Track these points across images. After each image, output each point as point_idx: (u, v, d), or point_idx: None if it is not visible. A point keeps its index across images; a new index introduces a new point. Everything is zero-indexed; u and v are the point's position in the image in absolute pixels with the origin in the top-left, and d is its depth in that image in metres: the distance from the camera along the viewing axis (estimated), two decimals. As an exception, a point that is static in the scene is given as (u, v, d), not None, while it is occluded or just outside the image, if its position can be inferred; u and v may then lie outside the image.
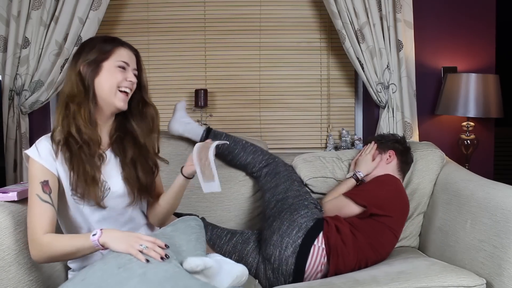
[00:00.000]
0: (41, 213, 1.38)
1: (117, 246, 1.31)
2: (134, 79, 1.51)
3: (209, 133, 2.18)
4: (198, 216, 1.73)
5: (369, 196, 1.93)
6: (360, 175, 2.08)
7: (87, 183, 1.43)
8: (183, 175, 1.57)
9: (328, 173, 2.21)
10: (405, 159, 2.12)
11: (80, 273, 1.30)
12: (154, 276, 1.23)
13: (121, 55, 1.49)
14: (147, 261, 1.27)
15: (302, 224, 1.83)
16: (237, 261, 1.76)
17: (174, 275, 1.25)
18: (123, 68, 1.49)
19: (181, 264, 1.31)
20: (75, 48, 2.42)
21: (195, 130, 2.20)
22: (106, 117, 1.52)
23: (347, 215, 1.93)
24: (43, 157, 1.43)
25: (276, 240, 1.82)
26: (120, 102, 1.48)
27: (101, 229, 1.34)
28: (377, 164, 2.08)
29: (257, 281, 1.84)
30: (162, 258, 1.29)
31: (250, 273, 1.79)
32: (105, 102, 1.48)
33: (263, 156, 2.14)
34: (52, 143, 1.45)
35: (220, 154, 2.16)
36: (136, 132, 1.56)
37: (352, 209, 1.92)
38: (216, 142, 1.53)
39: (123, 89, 1.48)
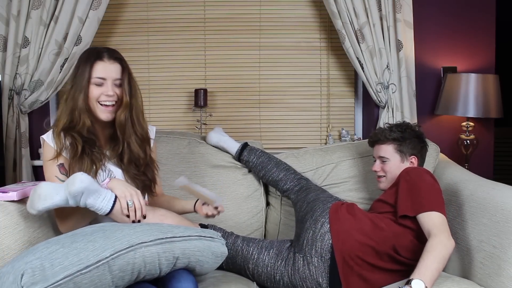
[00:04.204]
0: None
1: (116, 190, 1.49)
2: (112, 92, 1.59)
3: (244, 148, 2.24)
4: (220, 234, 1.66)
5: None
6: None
7: (85, 168, 1.55)
8: (194, 209, 1.80)
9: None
10: (425, 155, 2.00)
11: None
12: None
13: (96, 70, 1.58)
14: (128, 213, 1.47)
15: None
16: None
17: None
18: (99, 84, 1.58)
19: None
20: (75, 47, 2.43)
21: (231, 143, 2.28)
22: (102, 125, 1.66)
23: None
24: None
25: (309, 225, 1.80)
26: (102, 114, 1.60)
27: (109, 177, 1.56)
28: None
29: (255, 283, 1.83)
30: (133, 221, 1.48)
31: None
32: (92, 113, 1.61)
33: (295, 175, 2.16)
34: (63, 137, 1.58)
35: (254, 169, 2.23)
36: (127, 139, 1.66)
37: None
38: (180, 181, 1.70)
39: (102, 102, 1.59)
